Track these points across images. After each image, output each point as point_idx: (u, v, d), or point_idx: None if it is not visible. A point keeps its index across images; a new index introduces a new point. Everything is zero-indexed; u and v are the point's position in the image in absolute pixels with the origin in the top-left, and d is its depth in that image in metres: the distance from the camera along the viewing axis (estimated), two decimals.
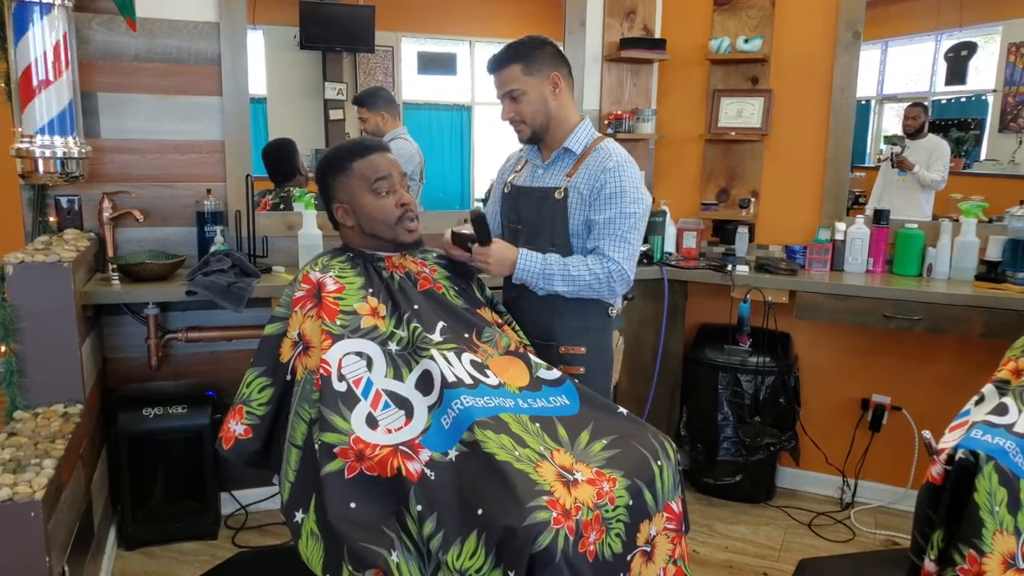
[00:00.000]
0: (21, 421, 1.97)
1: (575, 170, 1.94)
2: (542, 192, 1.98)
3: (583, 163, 1.94)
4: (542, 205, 1.97)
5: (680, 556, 1.58)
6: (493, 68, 1.96)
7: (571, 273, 1.88)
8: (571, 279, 1.88)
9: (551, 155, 1.99)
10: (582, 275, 1.88)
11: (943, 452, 1.60)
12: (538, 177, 2.01)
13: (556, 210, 1.94)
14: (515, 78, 1.92)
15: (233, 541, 2.68)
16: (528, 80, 1.91)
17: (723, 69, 3.15)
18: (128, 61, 2.56)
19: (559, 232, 1.94)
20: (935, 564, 1.57)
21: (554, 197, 1.94)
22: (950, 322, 2.56)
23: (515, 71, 1.91)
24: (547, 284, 1.89)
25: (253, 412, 1.66)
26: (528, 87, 1.92)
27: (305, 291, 1.66)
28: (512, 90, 1.92)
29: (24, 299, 2.02)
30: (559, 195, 1.94)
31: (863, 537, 2.82)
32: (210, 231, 2.63)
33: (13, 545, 1.56)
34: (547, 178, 1.99)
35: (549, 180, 1.98)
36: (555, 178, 1.97)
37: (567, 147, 1.96)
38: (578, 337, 1.97)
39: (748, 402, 2.96)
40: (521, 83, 1.91)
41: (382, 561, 1.36)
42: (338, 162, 1.76)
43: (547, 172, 2.00)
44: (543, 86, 1.93)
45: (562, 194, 1.93)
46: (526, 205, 2.02)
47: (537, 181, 2.01)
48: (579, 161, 1.95)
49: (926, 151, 3.15)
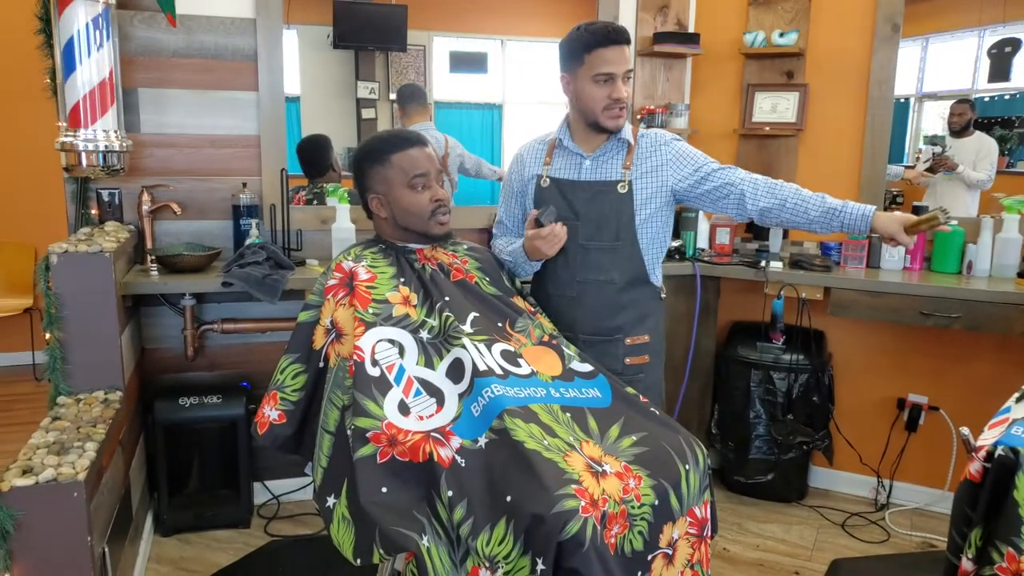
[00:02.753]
0: (64, 406, 2.03)
1: (631, 161, 1.93)
2: (601, 186, 1.93)
3: (634, 151, 1.93)
4: (603, 200, 1.93)
5: (698, 561, 1.57)
6: (620, 40, 1.84)
7: (797, 193, 1.89)
8: (801, 196, 1.88)
9: (598, 145, 1.96)
10: (789, 187, 1.90)
11: (982, 449, 1.56)
12: (587, 169, 1.96)
13: (621, 204, 1.91)
14: (631, 59, 1.89)
15: (265, 530, 2.72)
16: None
17: (757, 63, 3.12)
18: (167, 57, 2.62)
19: (625, 225, 1.92)
20: (973, 563, 1.54)
21: (616, 191, 1.92)
22: (990, 320, 2.50)
23: (630, 52, 1.88)
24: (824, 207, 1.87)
25: (287, 398, 1.68)
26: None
27: (338, 279, 1.68)
28: (630, 70, 1.88)
29: (67, 287, 2.07)
30: (622, 188, 1.91)
31: (898, 539, 2.77)
32: (245, 224, 2.67)
33: (57, 524, 1.60)
34: (601, 170, 1.95)
35: (606, 172, 1.94)
36: (611, 170, 1.94)
37: (621, 136, 1.93)
38: (640, 326, 1.98)
39: (781, 400, 2.93)
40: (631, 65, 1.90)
41: (413, 545, 1.37)
42: (376, 153, 1.77)
43: (597, 163, 1.95)
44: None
45: (626, 188, 1.91)
46: (582, 200, 1.95)
47: (587, 174, 1.96)
48: (630, 150, 1.93)
49: (972, 149, 3.08)
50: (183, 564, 2.50)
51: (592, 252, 1.94)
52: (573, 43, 1.87)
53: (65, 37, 2.23)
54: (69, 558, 1.64)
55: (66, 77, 2.26)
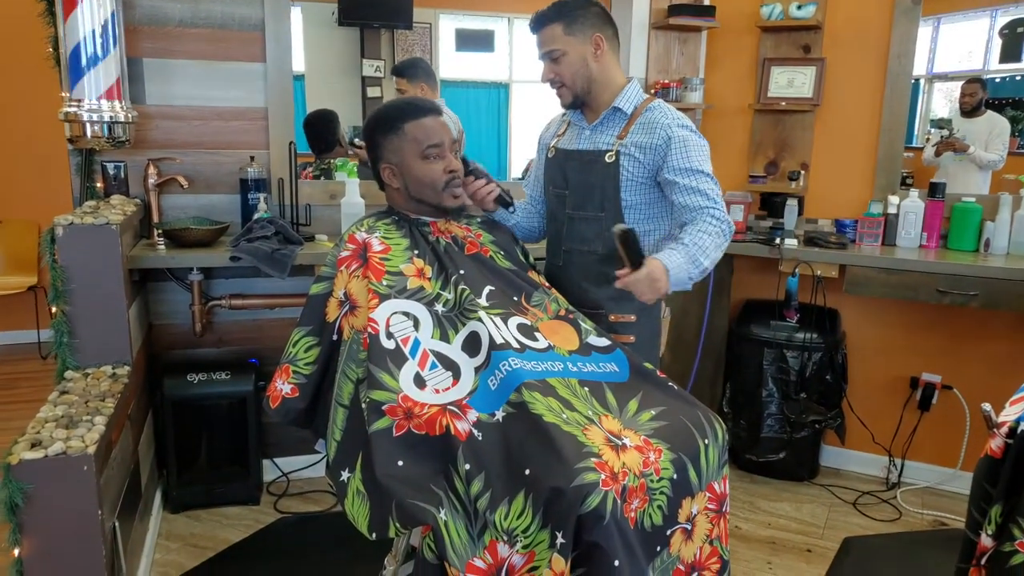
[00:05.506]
0: (72, 380, 2.01)
1: (626, 131, 1.88)
2: (591, 155, 1.91)
3: (634, 123, 1.87)
4: (591, 169, 1.90)
5: (717, 536, 1.55)
6: (534, 27, 1.90)
7: (698, 243, 1.75)
8: (703, 249, 1.75)
9: (598, 116, 1.93)
10: (707, 241, 1.76)
11: (1004, 425, 1.54)
12: (585, 139, 1.94)
13: (607, 174, 1.88)
14: (555, 38, 1.85)
15: (275, 507, 2.71)
16: (569, 40, 1.85)
17: (774, 37, 3.06)
18: (173, 26, 2.57)
19: (609, 196, 1.88)
20: (992, 539, 1.52)
21: (604, 160, 1.88)
22: (1008, 298, 2.47)
23: (556, 30, 1.85)
24: (697, 268, 1.75)
25: (300, 371, 1.66)
26: (568, 48, 1.85)
27: (351, 251, 1.65)
28: (552, 50, 1.86)
29: (73, 260, 2.04)
30: (610, 158, 1.87)
31: (910, 517, 2.75)
32: (253, 198, 2.64)
33: (67, 497, 1.58)
34: (596, 139, 1.92)
35: (598, 142, 1.91)
36: (605, 139, 1.90)
37: (617, 106, 1.89)
38: (628, 305, 1.91)
39: (794, 378, 2.90)
40: (561, 43, 1.85)
41: (430, 518, 1.34)
42: (390, 121, 1.73)
43: (595, 133, 1.93)
44: (584, 47, 1.86)
45: (613, 157, 1.87)
46: (573, 169, 1.95)
47: (584, 143, 1.94)
48: (630, 122, 1.88)
49: (984, 130, 3.04)
50: (193, 540, 2.49)
51: (577, 222, 1.93)
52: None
53: (68, 3, 2.18)
54: (79, 533, 1.62)
55: (70, 46, 2.21)
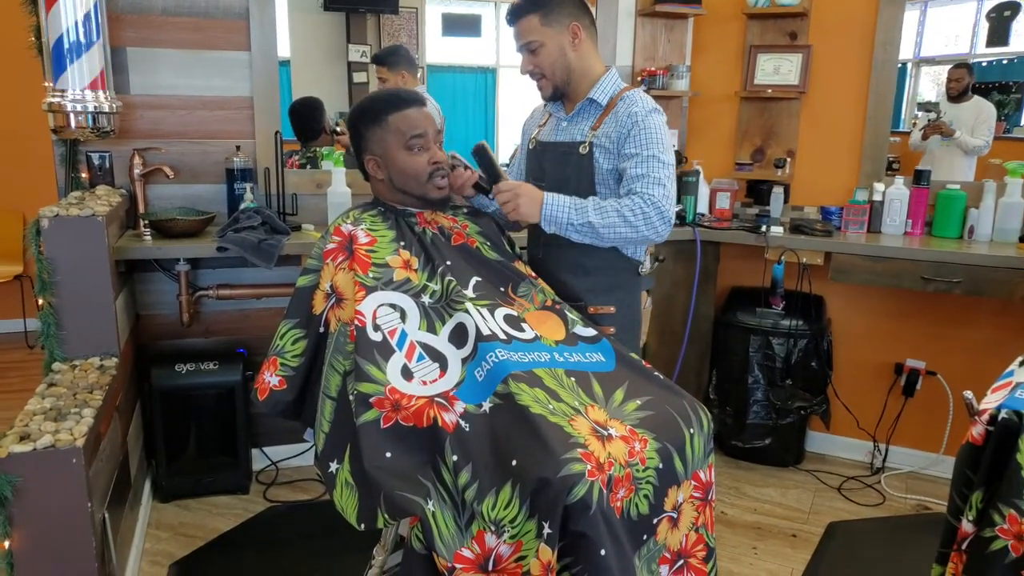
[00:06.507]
0: (60, 372, 2.00)
1: (600, 122, 1.87)
2: (566, 147, 1.91)
3: (609, 115, 1.87)
4: (566, 160, 1.91)
5: (703, 524, 1.57)
6: (511, 19, 1.89)
7: (601, 204, 1.77)
8: (602, 209, 1.75)
9: (575, 107, 1.93)
10: (613, 207, 1.76)
11: (985, 412, 1.56)
12: (562, 130, 1.94)
13: (581, 166, 1.88)
14: (533, 29, 1.85)
15: (264, 496, 2.72)
16: (546, 31, 1.84)
17: (760, 24, 3.06)
18: (157, 15, 2.54)
19: (584, 188, 1.88)
20: (973, 525, 1.55)
21: (578, 152, 1.88)
22: (991, 285, 2.50)
23: (533, 22, 1.84)
24: (580, 217, 1.75)
25: (287, 363, 1.66)
26: (546, 38, 1.85)
27: (336, 243, 1.65)
28: (530, 42, 1.85)
29: (59, 252, 2.03)
30: (583, 150, 1.88)
31: (894, 502, 2.79)
32: (240, 188, 2.63)
33: (56, 491, 1.59)
34: (571, 131, 1.92)
35: (573, 133, 1.92)
36: (579, 131, 1.91)
37: (591, 98, 1.89)
38: (607, 296, 1.92)
39: (779, 365, 2.93)
40: (539, 34, 1.84)
41: (418, 509, 1.36)
42: (373, 113, 1.73)
43: (571, 125, 1.93)
44: (562, 37, 1.85)
45: (586, 149, 1.87)
46: (550, 160, 1.95)
47: (561, 135, 1.94)
48: (605, 113, 1.88)
49: (971, 115, 3.05)
50: (183, 530, 2.50)
51: None
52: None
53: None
54: (69, 525, 1.62)
55: (53, 36, 2.19)
